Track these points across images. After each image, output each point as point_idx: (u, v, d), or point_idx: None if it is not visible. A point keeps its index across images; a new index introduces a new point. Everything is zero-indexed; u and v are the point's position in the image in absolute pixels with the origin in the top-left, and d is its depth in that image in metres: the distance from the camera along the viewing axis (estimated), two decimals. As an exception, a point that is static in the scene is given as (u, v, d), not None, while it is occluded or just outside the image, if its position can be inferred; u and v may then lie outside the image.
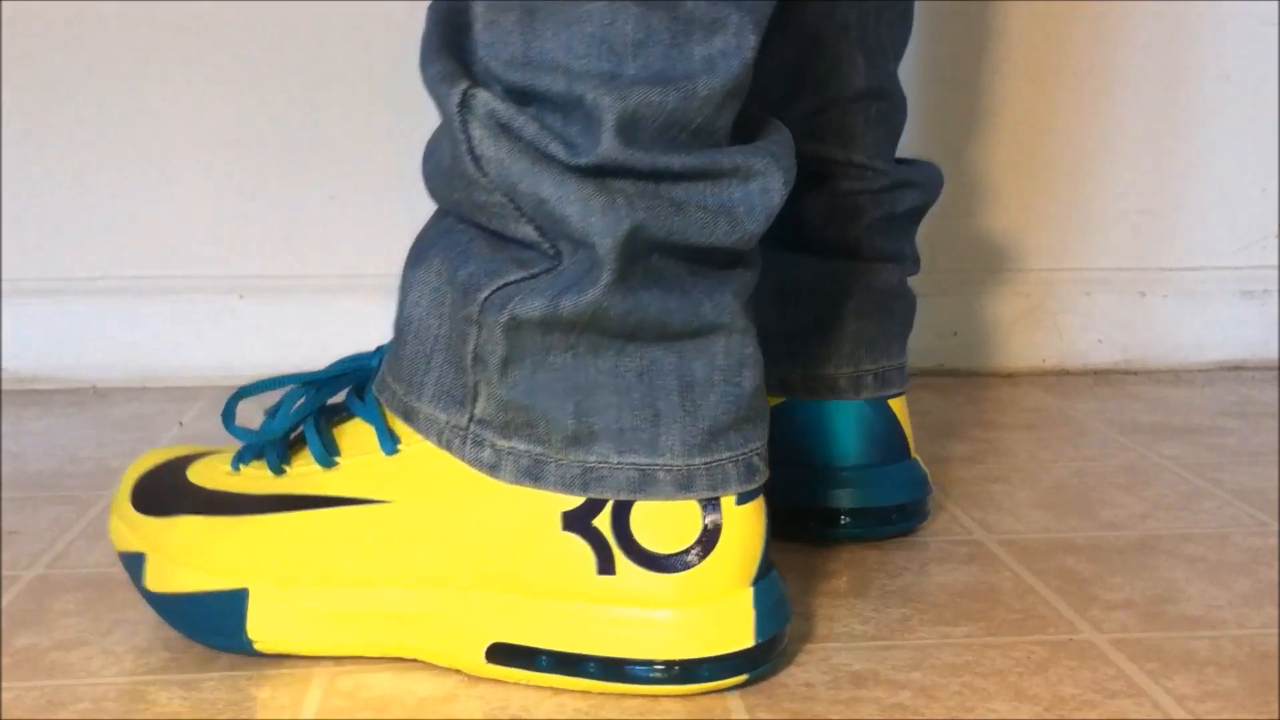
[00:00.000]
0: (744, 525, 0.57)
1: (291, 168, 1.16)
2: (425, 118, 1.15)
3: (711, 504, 0.56)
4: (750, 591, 0.57)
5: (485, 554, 0.57)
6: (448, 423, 0.58)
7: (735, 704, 0.56)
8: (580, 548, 0.56)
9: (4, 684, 0.58)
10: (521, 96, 0.55)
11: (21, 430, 1.02)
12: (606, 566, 0.56)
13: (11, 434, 1.01)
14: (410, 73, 1.16)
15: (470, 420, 0.57)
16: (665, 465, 0.56)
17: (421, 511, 0.58)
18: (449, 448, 0.58)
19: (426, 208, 0.64)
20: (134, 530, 0.64)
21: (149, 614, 0.65)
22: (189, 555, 0.61)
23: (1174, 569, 0.71)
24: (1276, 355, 1.22)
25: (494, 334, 0.56)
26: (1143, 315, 1.22)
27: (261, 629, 0.59)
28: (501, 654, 0.57)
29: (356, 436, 0.61)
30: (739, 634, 0.57)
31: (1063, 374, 1.19)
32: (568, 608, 0.57)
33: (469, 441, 0.57)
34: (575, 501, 0.56)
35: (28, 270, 1.16)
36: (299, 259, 1.17)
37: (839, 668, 0.59)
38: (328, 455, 0.60)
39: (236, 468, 0.63)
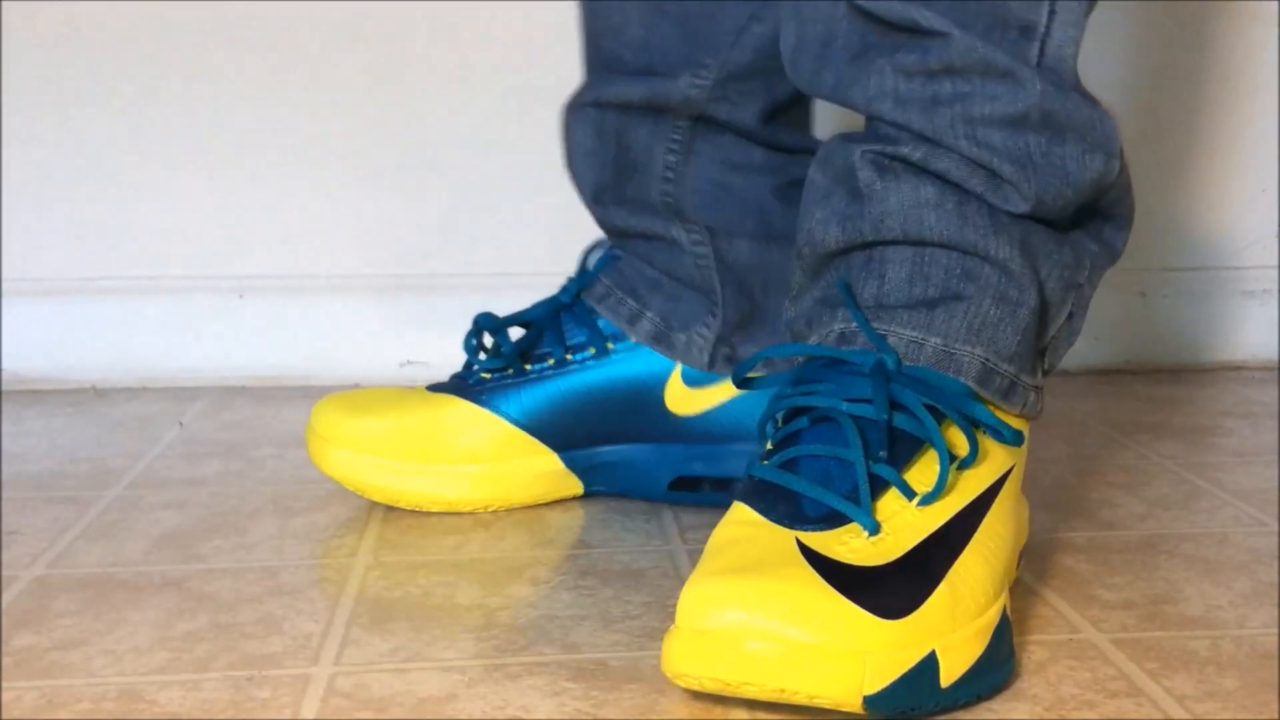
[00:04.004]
0: None
1: (291, 167, 1.16)
2: (425, 116, 1.15)
3: None
4: None
5: None
6: (1031, 384, 0.66)
7: (735, 704, 0.56)
8: None
9: (4, 684, 0.58)
10: None
11: (21, 430, 1.02)
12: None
13: (11, 434, 1.01)
14: (409, 72, 1.16)
15: (1042, 374, 0.67)
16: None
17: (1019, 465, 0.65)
18: (1031, 410, 0.66)
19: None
20: (895, 641, 0.53)
21: (149, 614, 0.65)
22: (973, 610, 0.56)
23: (1174, 569, 0.71)
24: (1276, 355, 1.22)
25: (1087, 292, 0.68)
26: (1143, 315, 1.22)
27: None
28: None
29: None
30: None
31: (1063, 374, 1.19)
32: None
33: (1036, 393, 0.66)
34: None
35: (28, 270, 1.16)
36: (299, 259, 1.17)
37: (839, 668, 0.59)
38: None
39: (876, 530, 0.56)
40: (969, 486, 0.60)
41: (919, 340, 0.63)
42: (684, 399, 0.82)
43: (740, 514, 0.58)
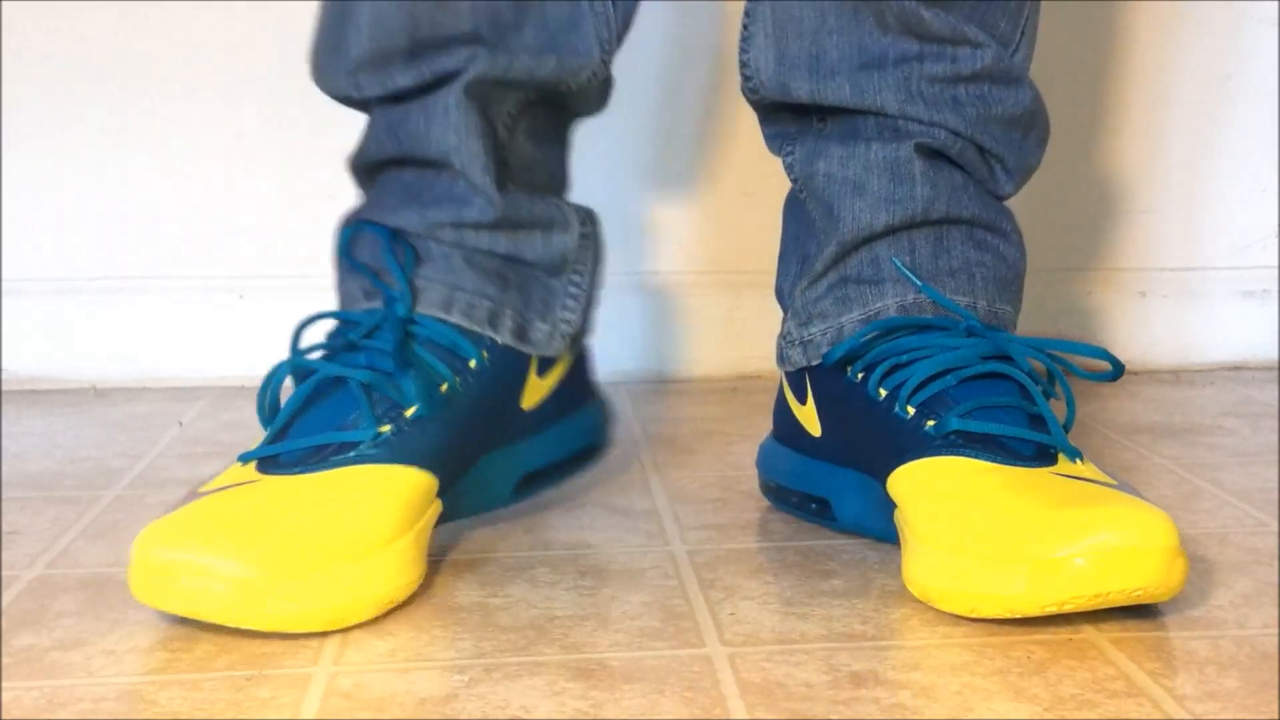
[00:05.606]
0: None
1: (291, 168, 1.16)
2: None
3: None
4: None
5: None
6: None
7: (735, 704, 0.56)
8: None
9: (4, 684, 0.58)
10: None
11: (21, 430, 1.02)
12: None
13: (11, 434, 1.01)
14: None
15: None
16: None
17: None
18: None
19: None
20: None
21: (149, 614, 0.65)
22: None
23: (1174, 569, 0.71)
24: (1276, 355, 1.22)
25: None
26: (1143, 315, 1.22)
27: None
28: None
29: None
30: None
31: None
32: None
33: None
34: None
35: (28, 270, 1.16)
36: (299, 259, 1.17)
37: (839, 668, 0.59)
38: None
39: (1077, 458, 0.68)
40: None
41: (970, 304, 0.74)
42: (534, 390, 0.79)
43: (966, 465, 0.67)
